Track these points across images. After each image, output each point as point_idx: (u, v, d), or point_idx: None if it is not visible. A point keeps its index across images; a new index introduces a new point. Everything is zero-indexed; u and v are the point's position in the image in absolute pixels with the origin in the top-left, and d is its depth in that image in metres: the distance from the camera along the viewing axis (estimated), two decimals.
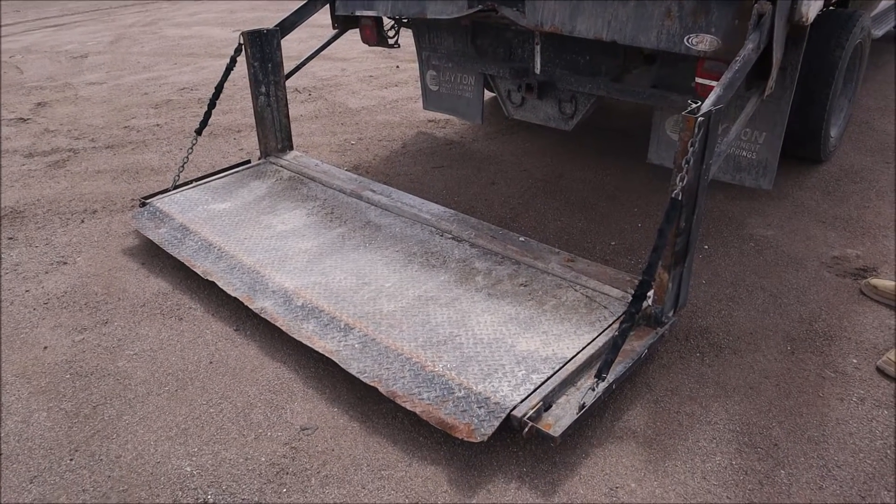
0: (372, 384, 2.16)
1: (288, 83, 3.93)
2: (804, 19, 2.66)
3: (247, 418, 2.24)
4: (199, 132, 3.63)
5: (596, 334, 2.30)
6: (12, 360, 2.58)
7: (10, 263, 3.27)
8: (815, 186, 3.79)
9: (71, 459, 2.11)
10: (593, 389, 2.01)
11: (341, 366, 2.25)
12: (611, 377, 2.07)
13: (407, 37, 4.28)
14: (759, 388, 2.32)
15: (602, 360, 2.06)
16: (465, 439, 1.93)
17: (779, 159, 3.11)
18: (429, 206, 3.22)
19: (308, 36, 7.57)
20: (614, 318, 2.37)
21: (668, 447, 2.09)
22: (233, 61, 3.53)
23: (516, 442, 2.09)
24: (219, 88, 3.56)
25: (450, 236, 2.96)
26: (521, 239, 2.90)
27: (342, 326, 2.42)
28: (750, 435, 2.12)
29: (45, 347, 2.65)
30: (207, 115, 3.60)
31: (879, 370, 2.39)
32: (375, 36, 3.90)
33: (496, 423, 1.94)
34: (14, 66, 7.52)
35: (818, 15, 2.78)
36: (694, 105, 2.08)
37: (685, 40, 2.55)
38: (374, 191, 3.39)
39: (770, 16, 2.41)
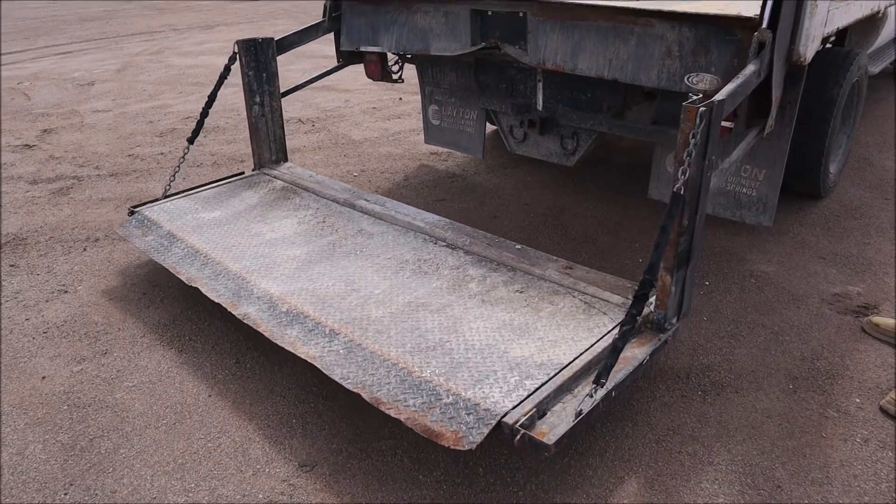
0: (355, 390, 2.06)
1: (291, 114, 3.97)
2: (802, 59, 2.70)
3: (245, 454, 2.22)
4: (191, 141, 3.60)
5: (594, 340, 2.19)
6: (10, 389, 2.57)
7: (10, 291, 3.27)
8: (816, 222, 3.81)
9: (65, 494, 2.08)
10: (591, 396, 1.89)
11: (324, 371, 2.16)
12: (610, 384, 1.95)
13: (410, 70, 4.34)
14: (762, 428, 2.30)
15: (601, 365, 1.94)
16: (453, 447, 1.82)
17: (779, 195, 3.13)
18: (423, 215, 3.15)
19: (313, 67, 7.69)
20: (614, 324, 2.24)
21: (670, 488, 2.06)
22: (227, 69, 3.51)
23: (511, 473, 2.07)
24: (212, 97, 3.55)
25: (444, 244, 2.89)
26: (518, 247, 2.81)
27: (327, 332, 2.34)
28: (753, 476, 2.10)
29: (44, 377, 2.63)
30: (200, 123, 3.58)
31: (883, 410, 2.37)
32: (380, 71, 3.95)
33: (485, 431, 1.83)
34: (22, 93, 7.61)
35: (816, 53, 2.82)
36: (695, 97, 2.02)
37: (686, 79, 2.59)
38: (367, 200, 3.32)
39: (770, 44, 2.43)
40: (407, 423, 1.92)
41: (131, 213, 3.41)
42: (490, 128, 4.53)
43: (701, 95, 2.04)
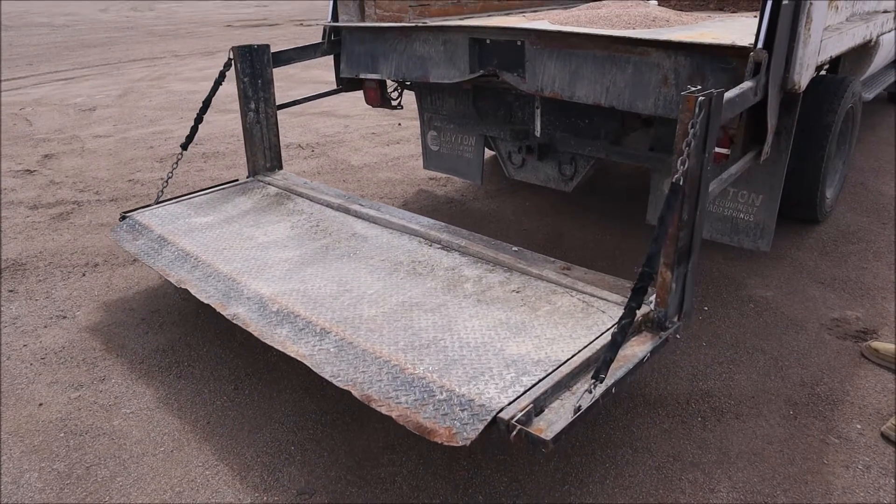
0: (345, 388, 2.02)
1: (290, 139, 3.99)
2: (797, 87, 2.74)
3: (243, 481, 2.21)
4: (184, 147, 3.60)
5: (593, 337, 2.14)
6: (6, 416, 2.55)
7: (9, 317, 3.27)
8: (813, 247, 3.82)
9: None
10: (590, 392, 1.84)
11: (314, 370, 2.11)
12: (610, 380, 1.89)
13: (409, 96, 4.38)
14: (763, 455, 2.29)
15: (600, 359, 1.90)
16: (446, 443, 1.77)
17: (776, 220, 3.15)
18: (418, 219, 3.12)
19: (311, 92, 7.74)
20: (614, 322, 2.16)
21: None
22: (221, 76, 3.52)
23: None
24: (206, 103, 3.55)
25: (439, 246, 2.85)
26: (515, 249, 2.78)
27: (318, 331, 2.29)
28: None
29: (41, 404, 2.62)
30: (194, 129, 3.57)
31: (884, 436, 2.36)
32: (379, 98, 3.99)
33: (480, 427, 1.78)
34: (24, 118, 7.67)
35: (810, 81, 2.85)
36: (693, 88, 2.01)
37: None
38: (361, 205, 3.30)
39: (766, 65, 2.45)
40: (398, 421, 1.87)
41: (122, 217, 3.38)
42: (489, 153, 4.56)
43: (699, 87, 2.01)
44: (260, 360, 2.85)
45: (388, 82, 4.10)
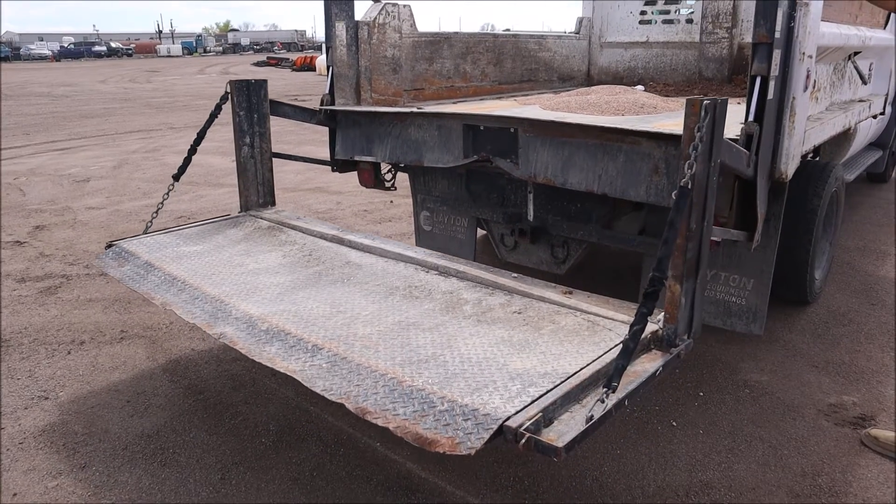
0: (339, 401, 1.91)
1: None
2: (784, 176, 2.82)
3: None
4: (176, 178, 3.57)
5: (601, 353, 2.05)
6: None
7: None
8: (805, 329, 3.83)
9: None
10: (602, 401, 1.75)
11: (305, 384, 2.01)
12: (622, 392, 1.80)
13: (402, 175, 4.44)
14: None
15: (612, 368, 1.81)
16: (449, 453, 1.66)
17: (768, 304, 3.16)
18: (414, 248, 3.08)
19: (305, 168, 7.86)
20: (622, 339, 2.04)
21: None
22: (217, 108, 3.52)
23: None
24: (200, 135, 3.55)
25: (436, 272, 2.78)
26: (514, 275, 2.71)
27: (309, 348, 2.19)
28: None
29: (15, 494, 2.51)
30: (187, 160, 3.55)
31: None
32: (373, 179, 4.05)
33: (486, 436, 1.67)
34: (17, 188, 7.70)
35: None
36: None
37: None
38: (355, 237, 3.25)
39: (757, 136, 2.50)
40: (396, 433, 1.76)
41: (109, 246, 3.31)
42: (481, 233, 4.60)
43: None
44: (248, 447, 2.77)
45: (383, 164, 4.17)
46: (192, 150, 3.56)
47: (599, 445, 2.78)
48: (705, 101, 1.96)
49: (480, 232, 4.59)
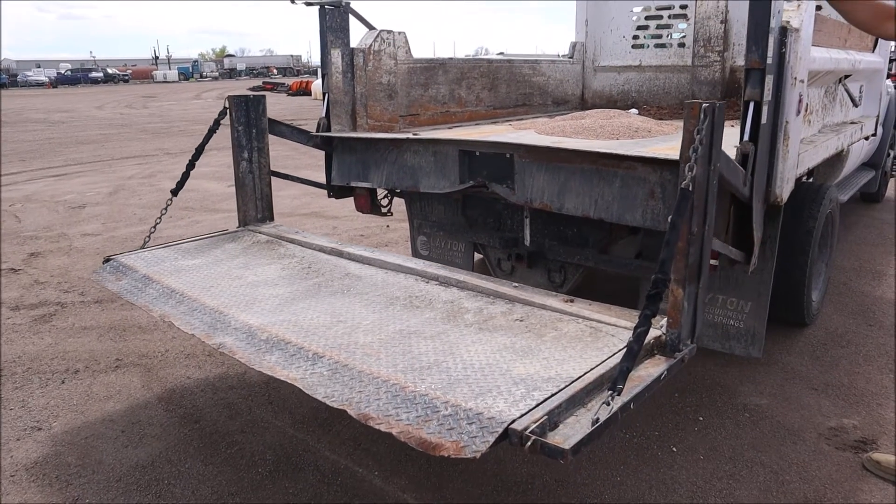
0: (340, 408, 1.90)
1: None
2: (779, 199, 2.83)
3: None
4: (174, 193, 3.56)
5: (605, 357, 2.06)
6: None
7: None
8: (804, 351, 3.82)
9: None
10: (608, 404, 1.75)
11: (306, 392, 2.00)
12: (628, 395, 1.80)
13: (398, 200, 4.45)
14: None
15: (617, 371, 1.81)
16: (453, 457, 1.66)
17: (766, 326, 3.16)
18: (414, 260, 3.09)
19: (302, 193, 7.88)
20: (625, 344, 2.05)
21: None
22: (216, 123, 3.52)
23: None
24: (199, 150, 3.54)
25: (436, 282, 2.79)
26: (515, 285, 2.71)
27: (310, 356, 2.19)
28: None
29: None
30: (185, 175, 3.55)
31: None
32: (369, 205, 4.05)
33: (491, 439, 1.67)
34: (13, 215, 7.68)
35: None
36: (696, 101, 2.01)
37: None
38: (354, 249, 3.25)
39: (752, 156, 2.52)
40: (400, 437, 1.76)
41: (106, 260, 3.30)
42: (478, 257, 4.60)
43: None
44: (244, 477, 2.74)
45: (379, 190, 4.17)
46: (191, 165, 3.57)
47: (599, 472, 2.75)
48: (704, 105, 1.97)
49: (477, 256, 4.60)
